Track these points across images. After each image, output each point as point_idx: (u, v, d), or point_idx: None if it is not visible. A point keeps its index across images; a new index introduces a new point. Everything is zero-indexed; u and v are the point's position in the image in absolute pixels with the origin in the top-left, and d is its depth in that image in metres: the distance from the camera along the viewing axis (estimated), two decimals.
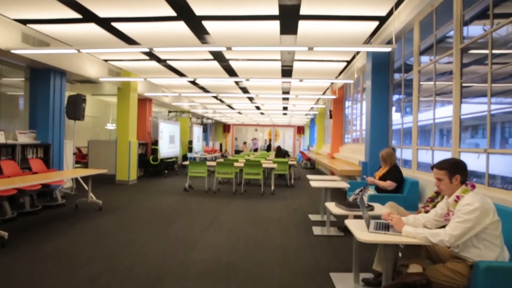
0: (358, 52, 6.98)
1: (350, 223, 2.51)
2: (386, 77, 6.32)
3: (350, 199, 4.97)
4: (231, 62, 7.88)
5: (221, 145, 26.31)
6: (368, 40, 6.14)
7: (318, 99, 13.33)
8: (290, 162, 9.71)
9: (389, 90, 6.33)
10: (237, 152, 19.92)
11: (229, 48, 4.90)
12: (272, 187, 8.43)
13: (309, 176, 5.88)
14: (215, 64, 8.06)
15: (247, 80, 7.51)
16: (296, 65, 8.06)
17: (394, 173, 4.75)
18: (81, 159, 11.43)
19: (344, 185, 4.78)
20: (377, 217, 2.63)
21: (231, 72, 8.86)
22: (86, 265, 3.35)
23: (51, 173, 5.87)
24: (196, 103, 13.94)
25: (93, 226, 4.90)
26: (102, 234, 4.51)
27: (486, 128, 3.51)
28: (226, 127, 27.86)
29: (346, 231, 4.91)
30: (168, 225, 5.00)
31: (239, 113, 19.30)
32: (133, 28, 5.59)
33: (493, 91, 3.46)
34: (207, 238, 4.42)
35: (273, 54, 7.08)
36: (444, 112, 4.74)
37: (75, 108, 6.66)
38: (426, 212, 3.20)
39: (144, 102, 11.50)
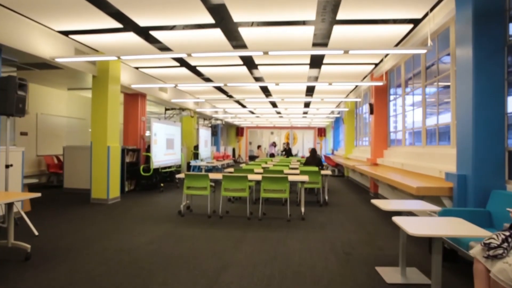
0: (438, 2, 4.49)
1: None
2: (499, 34, 3.80)
3: (473, 253, 2.46)
4: (241, 30, 5.49)
5: (234, 150, 23.97)
6: None
7: (355, 88, 10.75)
8: (323, 172, 7.22)
9: (505, 55, 3.80)
10: (252, 158, 17.52)
11: None
12: (302, 209, 5.96)
13: (378, 202, 3.38)
14: (218, 34, 5.68)
15: (265, 53, 5.10)
16: (336, 34, 5.61)
17: None
18: (59, 169, 9.25)
19: (483, 233, 2.27)
20: None
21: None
22: None
23: None
24: (202, 99, 11.67)
25: None
26: None
27: None
28: (239, 130, 25.47)
29: None
30: None
31: (252, 112, 16.88)
32: None
33: None
34: None
35: (303, 9, 4.66)
36: None
37: (6, 98, 4.38)
38: None
39: (135, 98, 9.26)
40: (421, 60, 6.34)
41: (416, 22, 5.12)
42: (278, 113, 17.27)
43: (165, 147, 9.48)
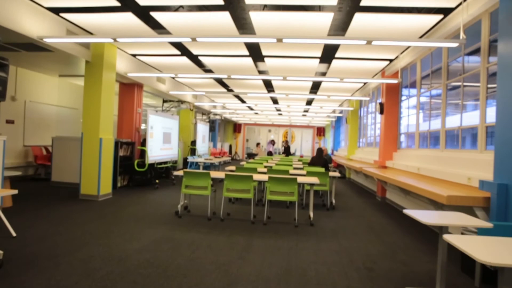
0: None
1: None
2: None
3: None
4: (252, 15, 4.97)
5: (230, 147, 23.45)
6: None
7: (362, 86, 10.31)
8: (331, 174, 6.74)
9: None
10: (250, 156, 16.96)
11: None
12: (311, 214, 5.48)
13: (415, 214, 2.88)
14: (226, 19, 5.16)
15: (279, 40, 4.56)
16: (356, 23, 5.11)
17: None
18: (47, 161, 8.66)
19: None
20: None
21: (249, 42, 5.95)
22: None
23: None
24: (202, 92, 11.10)
25: None
26: None
27: None
28: (236, 127, 24.94)
29: None
30: None
31: (251, 108, 16.37)
32: None
33: None
34: None
35: None
36: None
37: None
38: None
39: (131, 88, 8.69)
40: (443, 57, 5.87)
41: (446, 12, 4.63)
42: (278, 110, 16.77)
43: (161, 141, 8.92)
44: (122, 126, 8.70)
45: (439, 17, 4.78)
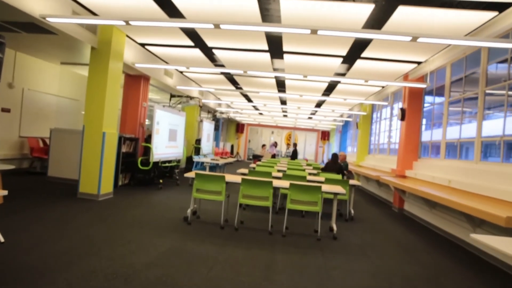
0: None
1: None
2: None
3: None
4: (281, 3, 4.47)
5: (232, 147, 22.92)
6: None
7: (380, 89, 9.81)
8: (352, 182, 6.24)
9: None
10: (255, 157, 16.43)
11: None
12: (334, 226, 4.97)
13: (498, 245, 2.37)
14: (252, 4, 4.65)
15: (313, 32, 4.05)
16: (396, 18, 4.62)
17: None
18: (44, 154, 8.11)
19: None
20: None
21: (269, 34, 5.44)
22: None
23: None
24: (211, 88, 10.56)
25: None
26: None
27: None
28: (239, 127, 24.40)
29: None
30: None
31: (256, 108, 15.89)
32: None
33: None
34: None
35: None
36: None
37: None
38: None
39: (137, 80, 8.16)
40: (482, 61, 5.39)
41: (502, 8, 4.13)
42: (285, 111, 16.28)
43: (167, 139, 8.38)
44: (126, 121, 8.16)
45: (492, 14, 4.28)
